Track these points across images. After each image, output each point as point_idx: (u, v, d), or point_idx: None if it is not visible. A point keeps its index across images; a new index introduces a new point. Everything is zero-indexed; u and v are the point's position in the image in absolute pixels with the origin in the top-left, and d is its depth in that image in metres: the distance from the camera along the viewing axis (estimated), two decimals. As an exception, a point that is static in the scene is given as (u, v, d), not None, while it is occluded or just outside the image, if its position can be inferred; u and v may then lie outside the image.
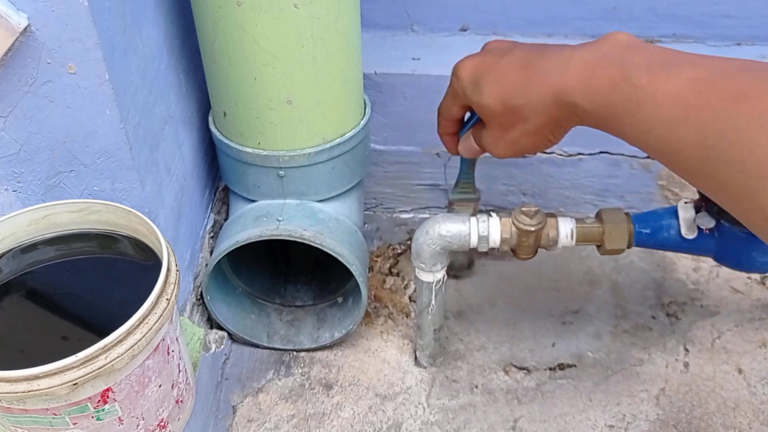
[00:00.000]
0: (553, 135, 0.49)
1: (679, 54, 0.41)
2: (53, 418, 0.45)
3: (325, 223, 0.69)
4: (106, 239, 0.55)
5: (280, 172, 0.67)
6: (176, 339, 0.53)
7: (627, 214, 0.64)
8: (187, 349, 0.58)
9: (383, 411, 0.70)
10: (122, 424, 0.49)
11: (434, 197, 0.91)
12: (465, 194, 0.74)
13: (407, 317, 0.79)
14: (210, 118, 0.70)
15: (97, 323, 0.51)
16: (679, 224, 0.63)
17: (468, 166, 0.72)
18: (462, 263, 0.83)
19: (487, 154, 0.58)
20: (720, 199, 0.37)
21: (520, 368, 0.74)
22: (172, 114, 0.64)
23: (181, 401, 0.55)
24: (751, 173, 0.33)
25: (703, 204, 0.63)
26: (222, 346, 0.74)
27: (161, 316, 0.47)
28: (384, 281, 0.83)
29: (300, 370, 0.74)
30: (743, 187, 0.34)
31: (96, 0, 0.47)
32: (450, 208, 0.75)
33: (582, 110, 0.44)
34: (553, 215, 0.64)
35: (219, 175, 0.80)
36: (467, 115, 0.60)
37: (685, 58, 0.40)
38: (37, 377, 0.42)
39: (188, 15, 0.64)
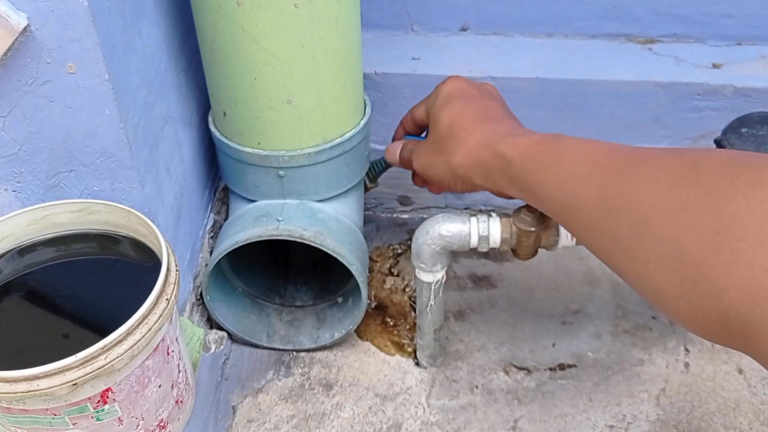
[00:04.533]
0: (462, 182, 0.56)
1: None
2: (53, 418, 0.45)
3: (325, 223, 0.69)
4: (106, 239, 0.55)
5: (280, 172, 0.67)
6: (176, 339, 0.52)
7: (627, 214, 0.64)
8: (187, 350, 0.58)
9: (383, 411, 0.70)
10: (122, 424, 0.49)
11: (434, 197, 0.91)
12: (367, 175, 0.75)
13: (407, 317, 0.79)
14: (210, 118, 0.70)
15: (96, 323, 0.51)
16: (679, 224, 0.63)
17: (384, 164, 0.75)
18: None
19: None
20: (609, 251, 0.41)
21: (521, 368, 0.74)
22: (171, 114, 0.64)
23: (181, 401, 0.55)
24: (639, 222, 0.37)
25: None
26: (222, 347, 0.74)
27: (161, 316, 0.46)
28: (384, 281, 0.83)
29: (300, 371, 0.74)
30: (629, 236, 0.38)
31: (96, 0, 0.46)
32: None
33: (507, 163, 0.49)
34: (553, 215, 0.63)
35: (219, 175, 0.80)
36: (424, 133, 0.66)
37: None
38: (36, 377, 0.42)
39: (188, 14, 0.64)
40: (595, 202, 0.41)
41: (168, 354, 0.51)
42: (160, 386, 0.50)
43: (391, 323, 0.78)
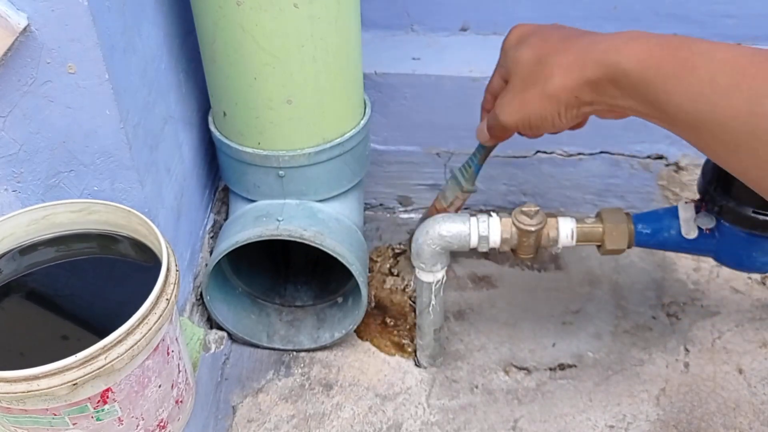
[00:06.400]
0: (567, 108, 0.47)
1: None
2: (53, 418, 0.45)
3: (325, 223, 0.69)
4: (106, 239, 0.55)
5: (280, 172, 0.67)
6: (176, 339, 0.52)
7: (627, 214, 0.64)
8: (187, 349, 0.58)
9: (383, 411, 0.70)
10: (122, 424, 0.49)
11: (434, 197, 0.91)
12: (459, 180, 0.70)
13: (407, 317, 0.79)
14: (210, 118, 0.70)
15: (97, 323, 0.51)
16: (679, 224, 0.63)
17: (478, 155, 0.67)
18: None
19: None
20: (758, 174, 0.36)
21: (521, 368, 0.74)
22: (171, 114, 0.64)
23: (181, 401, 0.55)
24: None
25: (704, 204, 0.63)
26: (222, 346, 0.74)
27: (161, 316, 0.46)
28: (384, 281, 0.83)
29: (300, 371, 0.74)
30: None
31: (96, 0, 0.46)
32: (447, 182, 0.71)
33: (623, 73, 0.42)
34: (553, 215, 0.63)
35: (219, 175, 0.80)
36: None
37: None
38: (36, 377, 0.42)
39: (188, 14, 0.64)
40: (745, 119, 0.35)
41: (168, 354, 0.51)
42: (160, 386, 0.50)
43: (391, 323, 0.78)
